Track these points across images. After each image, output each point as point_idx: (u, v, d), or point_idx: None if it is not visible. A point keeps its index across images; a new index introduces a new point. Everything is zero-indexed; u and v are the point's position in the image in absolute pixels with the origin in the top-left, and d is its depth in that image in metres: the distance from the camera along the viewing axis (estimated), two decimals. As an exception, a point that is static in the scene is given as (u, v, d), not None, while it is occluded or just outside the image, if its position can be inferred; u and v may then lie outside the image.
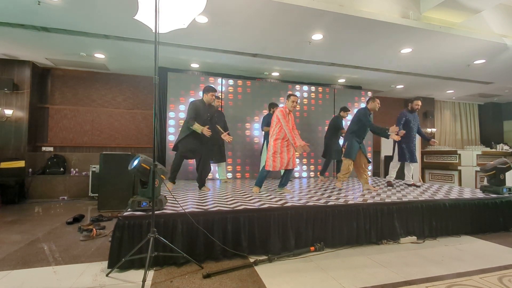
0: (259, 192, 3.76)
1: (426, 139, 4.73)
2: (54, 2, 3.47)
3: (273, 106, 5.21)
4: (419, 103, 4.60)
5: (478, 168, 6.65)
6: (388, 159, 7.38)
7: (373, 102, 4.14)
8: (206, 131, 3.54)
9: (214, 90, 3.82)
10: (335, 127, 5.47)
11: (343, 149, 4.42)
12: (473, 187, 6.41)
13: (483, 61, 5.47)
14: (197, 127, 3.58)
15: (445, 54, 5.15)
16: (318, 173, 6.18)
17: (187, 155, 3.81)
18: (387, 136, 3.94)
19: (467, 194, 3.84)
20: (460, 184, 6.59)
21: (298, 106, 6.45)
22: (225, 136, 3.89)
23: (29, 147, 5.70)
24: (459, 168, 6.71)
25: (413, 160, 4.58)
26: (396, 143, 4.69)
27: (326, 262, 2.51)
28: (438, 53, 5.13)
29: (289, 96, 3.79)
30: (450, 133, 9.44)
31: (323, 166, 5.71)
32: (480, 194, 3.81)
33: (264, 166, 3.78)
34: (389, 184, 4.58)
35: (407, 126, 4.57)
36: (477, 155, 6.80)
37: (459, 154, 6.76)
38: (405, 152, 4.57)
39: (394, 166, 4.80)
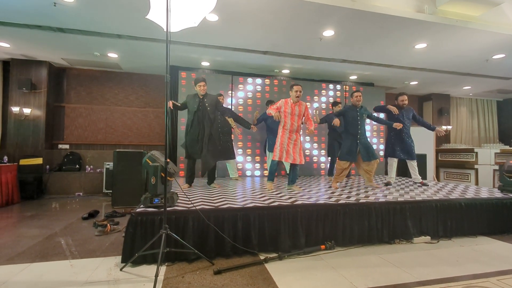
0: (272, 190, 3.75)
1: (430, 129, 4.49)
2: (69, 3, 3.56)
3: (270, 103, 5.17)
4: (404, 98, 4.38)
5: (496, 167, 6.43)
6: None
7: (352, 98, 4.08)
8: (170, 103, 3.58)
9: (201, 80, 3.72)
10: (329, 125, 5.33)
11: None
12: (490, 186, 6.21)
13: (503, 55, 5.26)
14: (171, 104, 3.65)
15: (462, 49, 4.98)
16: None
17: (192, 156, 3.82)
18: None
19: (485, 193, 3.72)
20: (476, 183, 6.38)
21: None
22: (234, 129, 4.03)
23: (46, 145, 5.89)
24: (475, 166, 6.50)
25: (404, 157, 4.36)
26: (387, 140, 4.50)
27: (337, 260, 2.49)
28: (455, 48, 4.97)
29: (291, 86, 3.70)
30: (467, 131, 9.14)
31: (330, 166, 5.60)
32: (498, 194, 3.68)
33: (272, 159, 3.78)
34: (388, 183, 4.34)
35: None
36: (495, 153, 6.57)
37: (476, 153, 6.55)
38: (394, 148, 4.35)
39: (391, 164, 4.50)
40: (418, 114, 4.48)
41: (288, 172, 4.12)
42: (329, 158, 5.53)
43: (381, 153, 6.48)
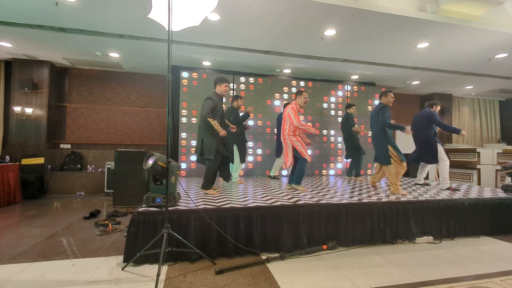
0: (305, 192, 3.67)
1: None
2: (71, 3, 3.57)
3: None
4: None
5: (499, 167, 6.40)
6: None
7: (385, 97, 3.82)
8: (223, 133, 3.30)
9: (228, 81, 3.54)
10: (348, 125, 5.33)
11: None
12: (493, 186, 6.18)
13: (505, 55, 5.24)
14: (215, 124, 3.27)
15: (465, 48, 4.96)
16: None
17: (224, 155, 3.53)
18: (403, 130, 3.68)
19: (488, 193, 3.70)
20: (479, 184, 6.35)
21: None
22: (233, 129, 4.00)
23: (48, 144, 5.90)
24: (478, 166, 6.46)
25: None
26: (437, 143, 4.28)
27: (339, 261, 2.48)
28: (457, 48, 4.95)
29: (300, 92, 3.75)
30: (469, 131, 9.11)
31: (350, 165, 5.54)
32: (501, 194, 3.66)
33: (301, 161, 3.70)
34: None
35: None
36: (498, 153, 6.53)
37: (478, 152, 6.51)
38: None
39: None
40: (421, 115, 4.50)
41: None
42: (349, 159, 5.46)
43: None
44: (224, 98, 3.71)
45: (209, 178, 3.49)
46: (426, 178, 5.26)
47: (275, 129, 6.01)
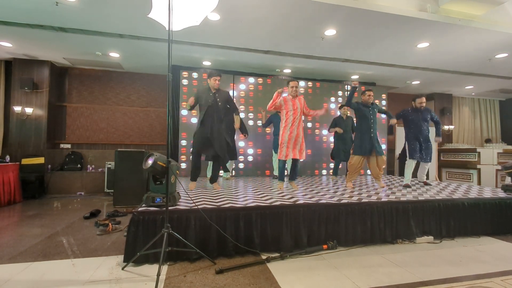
0: (282, 190, 3.76)
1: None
2: (71, 2, 3.57)
3: None
4: (423, 100, 4.40)
5: (499, 167, 6.40)
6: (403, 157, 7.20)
7: (363, 96, 4.20)
8: (191, 100, 3.55)
9: (217, 75, 3.62)
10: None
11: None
12: (493, 186, 6.18)
13: (506, 55, 5.23)
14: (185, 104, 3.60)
15: (465, 48, 4.96)
16: (331, 171, 6.10)
17: (200, 151, 3.66)
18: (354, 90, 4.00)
19: (488, 193, 3.70)
20: (479, 183, 6.35)
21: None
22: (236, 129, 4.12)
23: (48, 144, 5.90)
24: (478, 166, 6.47)
25: (425, 160, 4.39)
26: (406, 140, 4.54)
27: (339, 260, 2.48)
28: (457, 47, 4.94)
29: (287, 82, 3.88)
30: (469, 131, 9.10)
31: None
32: (501, 194, 3.66)
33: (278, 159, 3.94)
34: (407, 186, 4.31)
35: (413, 124, 4.39)
36: (498, 153, 6.54)
37: (479, 152, 6.52)
38: (416, 150, 4.37)
39: (410, 165, 4.47)
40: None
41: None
42: (333, 159, 5.60)
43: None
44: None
45: (191, 170, 3.82)
46: (427, 178, 5.26)
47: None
